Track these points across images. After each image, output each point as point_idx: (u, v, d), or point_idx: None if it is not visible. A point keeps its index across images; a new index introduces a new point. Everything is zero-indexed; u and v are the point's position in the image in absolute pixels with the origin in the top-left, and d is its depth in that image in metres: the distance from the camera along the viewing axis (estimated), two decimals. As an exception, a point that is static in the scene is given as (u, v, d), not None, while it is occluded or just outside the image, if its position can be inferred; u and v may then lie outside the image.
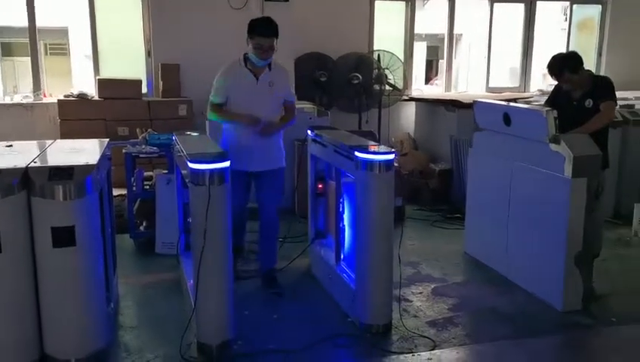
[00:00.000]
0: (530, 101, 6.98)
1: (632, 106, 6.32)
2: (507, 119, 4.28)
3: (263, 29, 4.11)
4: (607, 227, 5.07)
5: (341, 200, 4.11)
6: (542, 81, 8.81)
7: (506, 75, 9.13)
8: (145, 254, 5.00)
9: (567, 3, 8.70)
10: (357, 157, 3.55)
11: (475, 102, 4.76)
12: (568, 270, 3.87)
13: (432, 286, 4.35)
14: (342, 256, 4.20)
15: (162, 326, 3.74)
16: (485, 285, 4.40)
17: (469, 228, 5.01)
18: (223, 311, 3.38)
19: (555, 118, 3.87)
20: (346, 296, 3.89)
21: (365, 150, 3.54)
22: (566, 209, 3.81)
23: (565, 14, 9.26)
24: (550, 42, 8.98)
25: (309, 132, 4.52)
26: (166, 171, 5.24)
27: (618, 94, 4.52)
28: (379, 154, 3.51)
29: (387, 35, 8.03)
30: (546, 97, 7.55)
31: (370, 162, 3.50)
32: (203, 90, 6.99)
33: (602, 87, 4.15)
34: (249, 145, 4.06)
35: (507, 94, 7.75)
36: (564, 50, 8.68)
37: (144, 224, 5.28)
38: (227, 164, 3.24)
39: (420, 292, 4.25)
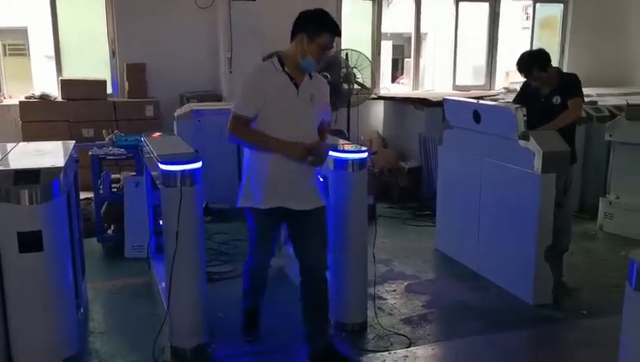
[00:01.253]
0: (497, 99, 7.08)
1: (594, 103, 6.46)
2: (477, 116, 4.32)
3: (335, 26, 3.13)
4: (573, 221, 5.14)
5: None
6: (504, 79, 8.95)
7: (470, 74, 9.24)
8: (113, 258, 4.90)
9: (530, 2, 8.85)
10: (330, 156, 3.53)
11: (444, 100, 4.80)
12: (539, 264, 3.93)
13: (406, 284, 4.36)
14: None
15: (134, 331, 3.66)
16: (457, 281, 4.44)
17: (439, 224, 5.05)
18: (196, 313, 3.33)
19: (524, 115, 3.93)
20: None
21: (338, 149, 3.53)
22: (536, 204, 3.87)
23: (527, 13, 9.43)
24: (513, 41, 9.12)
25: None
26: (134, 173, 5.15)
27: None
28: (352, 152, 3.50)
29: (355, 34, 8.04)
30: (511, 95, 7.71)
31: (344, 161, 3.49)
32: (170, 90, 6.95)
33: (569, 84, 4.22)
34: (286, 174, 3.10)
35: (474, 92, 7.84)
36: (527, 49, 8.93)
37: (112, 228, 5.18)
38: (199, 164, 3.18)
39: (394, 290, 4.26)
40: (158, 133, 4.13)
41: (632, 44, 9.15)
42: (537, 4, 8.79)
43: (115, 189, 5.16)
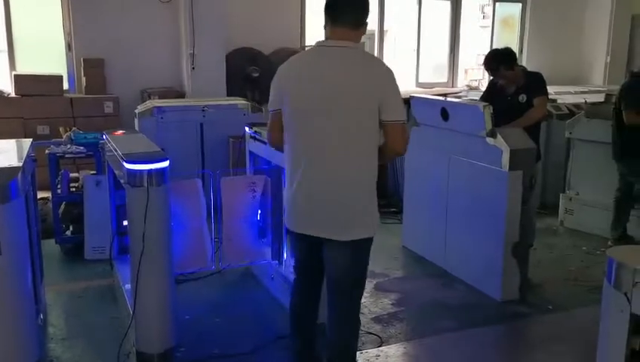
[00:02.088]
0: (460, 96, 7.15)
1: (554, 101, 6.58)
2: (445, 114, 4.33)
3: None
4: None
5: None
6: (464, 77, 9.05)
7: (430, 71, 9.28)
8: (73, 260, 4.73)
9: (488, 1, 8.97)
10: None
11: (411, 97, 4.79)
12: (506, 261, 3.97)
13: (375, 282, 4.34)
14: (284, 256, 4.13)
15: (97, 337, 3.54)
16: (426, 278, 4.45)
17: (406, 222, 5.06)
18: (164, 317, 3.22)
19: (491, 113, 3.95)
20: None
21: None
22: (503, 201, 3.90)
23: (483, 12, 9.55)
24: (471, 40, 9.20)
25: (246, 129, 4.40)
26: (93, 172, 4.98)
27: None
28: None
29: (318, 30, 7.98)
30: (474, 93, 7.80)
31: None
32: (130, 86, 6.77)
33: (535, 83, 4.28)
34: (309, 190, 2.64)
35: (438, 89, 7.90)
36: (488, 48, 9.04)
37: (71, 229, 5.00)
38: (166, 163, 3.08)
39: (363, 289, 4.23)
40: (120, 131, 3.98)
41: (588, 44, 9.39)
42: (497, 4, 8.91)
43: (74, 189, 4.98)
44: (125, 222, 4.09)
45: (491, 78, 4.56)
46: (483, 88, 8.35)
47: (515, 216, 3.92)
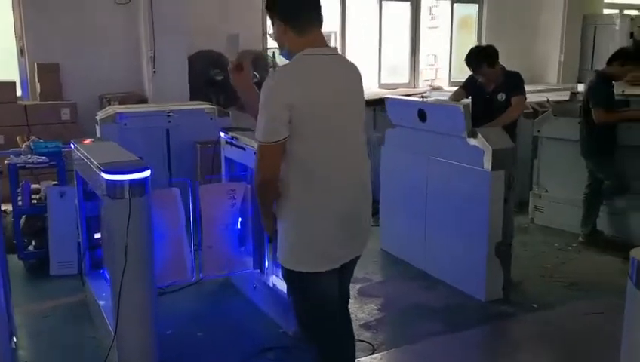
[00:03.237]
0: (425, 97, 7.16)
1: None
2: (422, 115, 4.30)
3: None
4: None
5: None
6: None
7: (386, 73, 9.25)
8: (38, 277, 4.48)
9: (436, 2, 9.04)
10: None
11: (387, 99, 4.75)
12: (490, 261, 3.96)
13: (358, 287, 4.27)
14: (266, 264, 4.02)
15: (72, 358, 3.36)
16: (407, 281, 4.41)
17: (384, 224, 5.01)
18: (148, 335, 3.05)
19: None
20: (275, 305, 3.70)
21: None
22: (485, 201, 3.89)
23: (432, 13, 9.63)
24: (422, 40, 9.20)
25: (222, 134, 4.26)
26: (55, 182, 4.74)
27: None
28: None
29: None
30: (437, 93, 7.85)
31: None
32: (87, 91, 6.50)
33: (513, 82, 4.31)
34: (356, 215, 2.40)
35: (401, 90, 7.91)
36: (448, 48, 9.15)
37: (33, 243, 4.74)
38: (147, 173, 2.93)
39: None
40: (89, 140, 3.79)
41: (542, 43, 9.60)
42: (454, 4, 9.01)
43: (36, 201, 4.72)
44: (97, 235, 3.93)
45: (470, 75, 4.56)
46: (447, 89, 8.50)
47: (497, 215, 3.93)
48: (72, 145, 3.81)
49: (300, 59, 2.26)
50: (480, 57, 4.29)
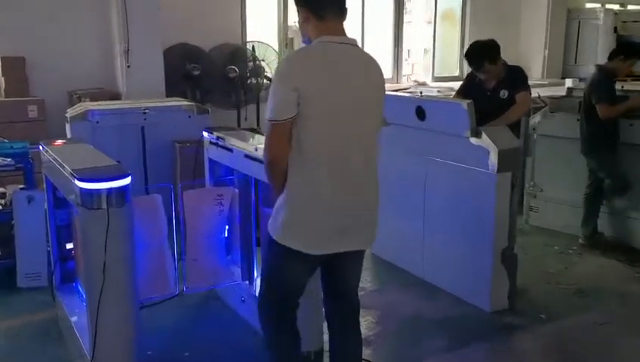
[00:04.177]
0: (412, 92, 6.91)
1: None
2: (421, 113, 4.03)
3: None
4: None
5: (252, 210, 3.61)
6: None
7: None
8: (3, 290, 4.08)
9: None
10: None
11: (381, 95, 4.46)
12: (495, 268, 3.72)
13: (353, 297, 3.99)
14: (255, 275, 3.71)
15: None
16: (405, 290, 4.14)
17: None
18: (128, 358, 2.74)
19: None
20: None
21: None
22: (492, 205, 3.64)
23: (405, 8, 9.38)
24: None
25: (205, 134, 3.93)
26: (22, 186, 4.35)
27: None
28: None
29: (261, 26, 7.55)
30: (423, 89, 7.61)
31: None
32: (56, 87, 6.07)
33: (516, 78, 4.06)
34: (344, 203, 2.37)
35: (387, 85, 7.62)
36: (431, 43, 8.92)
37: (-2, 252, 4.35)
38: (128, 180, 2.60)
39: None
40: (60, 141, 3.43)
41: (526, 38, 9.44)
42: (438, -2, 8.79)
43: (1, 206, 4.33)
44: (69, 246, 3.58)
45: (469, 71, 4.30)
46: (432, 85, 8.27)
47: (504, 220, 3.68)
48: (40, 148, 3.45)
49: (314, 45, 2.33)
50: (481, 54, 4.04)
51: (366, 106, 2.36)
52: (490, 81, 4.08)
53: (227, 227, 3.67)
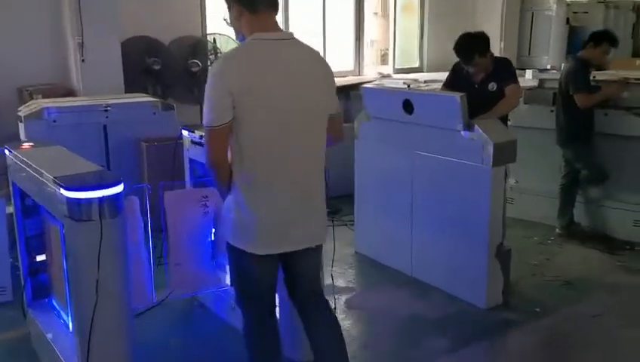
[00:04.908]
0: (379, 84, 6.80)
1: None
2: (408, 106, 3.91)
3: None
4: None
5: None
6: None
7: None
8: (-37, 307, 3.74)
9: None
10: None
11: (364, 88, 4.33)
12: (491, 264, 3.65)
13: (344, 299, 3.86)
14: (244, 280, 3.51)
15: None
16: (396, 289, 4.02)
17: (359, 225, 4.60)
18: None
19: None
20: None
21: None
22: (486, 200, 3.57)
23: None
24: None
25: (185, 132, 3.69)
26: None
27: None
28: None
29: (220, 16, 7.25)
30: (388, 81, 7.51)
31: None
32: (3, 83, 5.63)
33: (504, 70, 3.99)
34: (290, 201, 2.35)
35: (350, 78, 7.51)
36: (391, 36, 8.83)
37: (-47, 266, 3.97)
38: (120, 188, 2.36)
39: (334, 308, 3.70)
40: (27, 144, 3.13)
41: (482, 29, 9.40)
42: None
43: (-46, 216, 3.95)
44: (40, 258, 3.28)
45: (456, 64, 4.21)
46: (395, 77, 8.18)
47: (498, 215, 3.63)
48: (6, 151, 3.13)
49: (247, 43, 2.28)
50: (471, 47, 3.95)
51: (309, 103, 2.30)
52: (478, 74, 4.00)
53: (213, 230, 3.45)
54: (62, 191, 2.29)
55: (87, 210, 2.28)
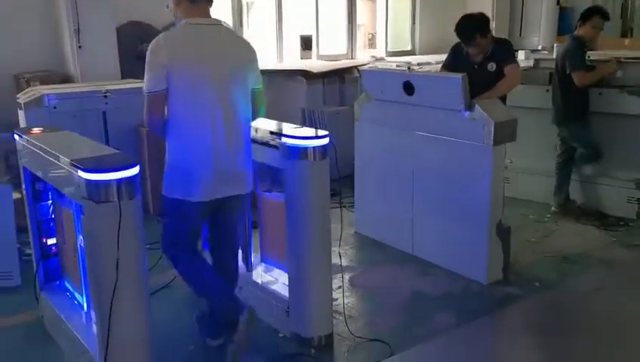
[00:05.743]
0: (372, 68, 6.84)
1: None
2: (409, 88, 3.96)
3: None
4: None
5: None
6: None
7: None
8: (-29, 293, 3.78)
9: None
10: (285, 144, 2.94)
11: (363, 71, 4.39)
12: (492, 241, 3.74)
13: (348, 277, 3.93)
14: (251, 262, 3.58)
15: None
16: (398, 267, 4.11)
17: (359, 206, 4.67)
18: (145, 357, 2.57)
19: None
20: (269, 307, 3.29)
21: (294, 135, 2.94)
22: (488, 178, 3.66)
23: None
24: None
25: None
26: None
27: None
28: (312, 139, 2.94)
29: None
30: (381, 64, 7.54)
31: (303, 149, 2.92)
32: (0, 69, 5.61)
33: (503, 50, 4.05)
34: (213, 156, 2.78)
35: (344, 62, 7.53)
36: (383, 19, 8.84)
37: (-40, 252, 4.00)
38: (137, 169, 2.40)
39: (339, 286, 3.78)
40: (37, 129, 3.15)
41: (474, 10, 9.47)
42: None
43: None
44: (51, 241, 3.33)
45: (455, 45, 4.26)
46: (389, 60, 8.20)
47: (499, 193, 3.72)
48: (16, 137, 3.16)
49: (181, 26, 2.74)
50: (472, 27, 4.00)
51: (231, 77, 2.77)
52: (477, 55, 4.06)
53: None
54: (80, 173, 2.34)
55: (105, 191, 2.32)
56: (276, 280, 3.43)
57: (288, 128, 3.07)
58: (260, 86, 2.97)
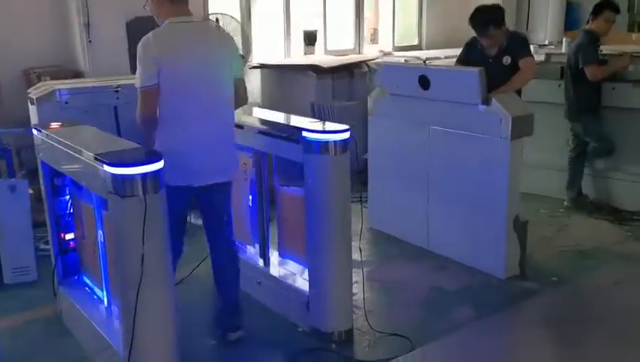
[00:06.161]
0: (380, 63, 6.81)
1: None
2: (425, 82, 3.95)
3: None
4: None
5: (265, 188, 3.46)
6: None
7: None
8: (-10, 288, 3.78)
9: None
10: (305, 138, 2.93)
11: (378, 65, 4.37)
12: (510, 236, 3.74)
13: (366, 271, 3.91)
14: (268, 257, 3.58)
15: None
16: (414, 262, 4.10)
17: (373, 201, 4.67)
18: (170, 353, 2.57)
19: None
20: (288, 302, 3.29)
21: (316, 129, 2.94)
22: (505, 173, 3.65)
23: None
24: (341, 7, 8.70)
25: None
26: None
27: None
28: (333, 133, 2.93)
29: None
30: (390, 58, 7.51)
31: (324, 143, 2.91)
32: (8, 66, 5.60)
33: (518, 44, 4.03)
34: (203, 145, 2.91)
35: (351, 57, 7.51)
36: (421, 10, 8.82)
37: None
38: (161, 164, 2.40)
39: (356, 281, 3.78)
40: (56, 124, 3.14)
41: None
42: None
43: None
44: (69, 236, 3.33)
45: (470, 40, 4.24)
46: (397, 54, 8.17)
47: (516, 188, 3.71)
48: (34, 131, 3.15)
49: (166, 25, 2.87)
50: (486, 19, 3.97)
51: (216, 70, 2.92)
52: (492, 48, 4.04)
53: (251, 197, 3.51)
54: (106, 167, 2.33)
55: (131, 185, 2.31)
56: (294, 274, 3.42)
57: (309, 122, 3.06)
58: (242, 76, 3.15)
